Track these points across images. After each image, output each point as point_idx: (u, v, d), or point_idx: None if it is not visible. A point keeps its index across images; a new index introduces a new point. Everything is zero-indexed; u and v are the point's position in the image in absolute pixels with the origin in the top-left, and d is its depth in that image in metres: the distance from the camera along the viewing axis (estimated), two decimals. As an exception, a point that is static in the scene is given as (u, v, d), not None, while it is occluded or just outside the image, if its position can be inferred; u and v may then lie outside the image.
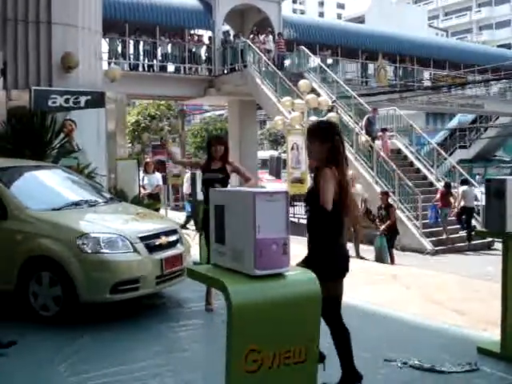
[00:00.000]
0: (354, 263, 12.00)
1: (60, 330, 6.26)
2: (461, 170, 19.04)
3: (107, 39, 23.08)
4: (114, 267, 6.43)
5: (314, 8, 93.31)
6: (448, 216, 17.04)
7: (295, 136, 14.59)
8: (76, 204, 7.45)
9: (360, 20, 54.51)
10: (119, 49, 24.59)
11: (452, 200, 17.28)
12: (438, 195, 17.14)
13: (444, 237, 16.56)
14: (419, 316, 7.19)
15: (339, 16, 77.90)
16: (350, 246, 13.43)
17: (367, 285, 9.14)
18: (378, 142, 18.61)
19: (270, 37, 25.45)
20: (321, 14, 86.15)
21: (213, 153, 6.77)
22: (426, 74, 33.28)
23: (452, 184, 17.90)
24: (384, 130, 19.17)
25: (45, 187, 7.96)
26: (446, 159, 21.32)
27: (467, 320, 7.04)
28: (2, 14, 11.78)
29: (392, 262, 13.34)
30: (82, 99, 11.26)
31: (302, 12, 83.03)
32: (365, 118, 18.95)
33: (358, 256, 13.56)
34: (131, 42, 24.97)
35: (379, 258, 13.31)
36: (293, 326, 3.37)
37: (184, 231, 7.97)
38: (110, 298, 6.47)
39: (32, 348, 5.79)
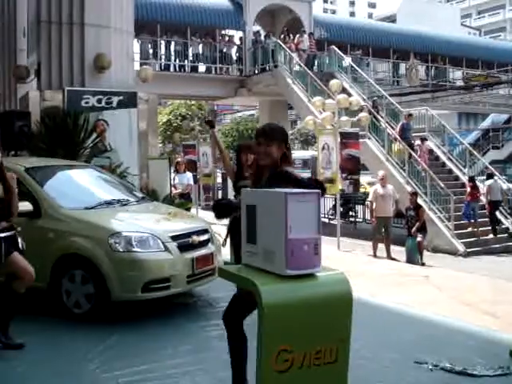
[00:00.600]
0: (385, 264, 12.04)
1: (92, 328, 6.32)
2: (493, 171, 18.80)
3: (139, 40, 23.24)
4: (145, 266, 6.48)
5: (345, 7, 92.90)
6: (477, 210, 16.91)
7: (326, 136, 14.51)
8: (108, 203, 7.52)
9: (391, 19, 54.14)
10: (151, 49, 24.74)
11: (479, 193, 17.27)
12: (469, 189, 17.09)
13: (471, 229, 16.38)
14: (451, 318, 7.12)
15: (370, 15, 77.36)
16: (381, 247, 13.41)
17: (398, 286, 9.10)
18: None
19: (305, 36, 25.34)
20: (352, 14, 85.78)
21: (243, 162, 6.70)
22: (459, 74, 32.90)
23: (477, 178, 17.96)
24: (423, 140, 18.92)
25: (78, 186, 8.06)
26: (478, 160, 21.08)
27: (500, 323, 6.97)
28: (36, 16, 11.96)
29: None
30: (115, 99, 11.38)
31: (333, 12, 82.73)
32: (399, 125, 18.70)
33: (389, 257, 13.48)
34: (163, 42, 25.11)
35: (410, 260, 13.22)
36: (324, 327, 3.36)
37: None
38: (141, 297, 6.52)
39: (64, 345, 5.87)
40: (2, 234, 5.37)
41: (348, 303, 3.43)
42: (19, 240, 5.57)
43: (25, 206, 6.66)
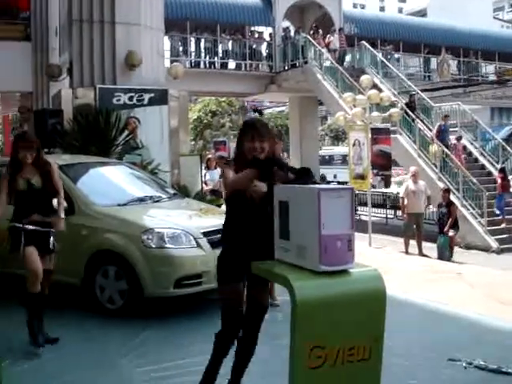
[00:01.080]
0: (416, 261, 11.94)
1: (125, 323, 6.38)
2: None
3: (169, 37, 23.33)
4: (177, 262, 6.52)
5: (375, 2, 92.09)
6: (507, 202, 16.66)
7: (357, 132, 14.43)
8: (141, 200, 7.58)
9: (422, 13, 53.66)
10: (181, 46, 24.83)
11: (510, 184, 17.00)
12: (499, 180, 16.87)
13: (504, 226, 16.14)
14: (485, 315, 7.03)
15: (400, 10, 76.73)
16: (413, 244, 13.32)
17: (431, 283, 9.02)
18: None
19: (336, 35, 25.17)
20: (381, 9, 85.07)
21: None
22: (491, 68, 32.45)
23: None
24: (459, 139, 18.68)
25: (110, 183, 8.14)
26: (511, 155, 20.79)
27: (535, 320, 6.86)
28: (67, 16, 12.09)
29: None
30: (146, 97, 11.45)
31: (363, 6, 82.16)
32: (436, 126, 18.38)
33: (421, 253, 13.37)
34: (193, 39, 25.20)
35: (441, 256, 13.11)
36: (357, 323, 3.35)
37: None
38: (173, 293, 6.56)
39: (98, 340, 5.93)
40: (28, 227, 5.41)
41: (382, 300, 3.41)
42: (51, 239, 5.59)
43: (59, 202, 6.75)
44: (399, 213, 17.40)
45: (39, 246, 5.45)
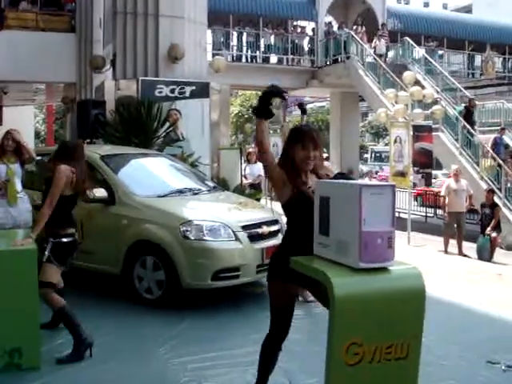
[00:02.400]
0: (456, 260, 11.78)
1: (162, 313, 6.43)
2: None
3: (212, 31, 23.39)
4: (215, 254, 6.54)
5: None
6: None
7: (398, 129, 14.27)
8: (180, 192, 7.63)
9: (467, 10, 52.78)
10: (223, 40, 24.88)
11: None
12: None
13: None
14: (525, 317, 6.92)
15: (445, 6, 75.64)
16: (453, 243, 13.14)
17: (471, 283, 8.90)
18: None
19: (382, 40, 24.88)
20: (426, 4, 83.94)
21: None
22: (538, 66, 31.79)
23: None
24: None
25: (151, 174, 8.21)
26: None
27: None
28: (112, 8, 12.20)
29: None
30: (187, 89, 11.50)
31: (407, 2, 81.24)
32: (491, 139, 17.58)
33: (461, 253, 13.19)
34: (235, 33, 25.21)
35: (481, 257, 12.92)
36: (396, 321, 3.33)
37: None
38: (211, 285, 6.59)
39: (135, 329, 5.99)
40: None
41: (421, 298, 3.38)
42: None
43: (100, 192, 6.84)
44: (439, 211, 17.20)
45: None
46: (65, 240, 5.20)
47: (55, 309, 5.23)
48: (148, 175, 8.13)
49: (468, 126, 17.29)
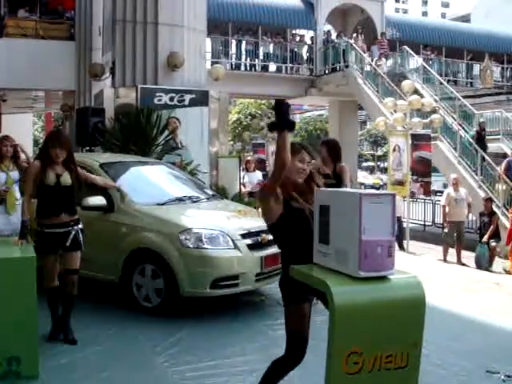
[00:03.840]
0: (455, 269, 11.77)
1: (161, 322, 6.41)
2: None
3: (211, 39, 23.44)
4: (214, 263, 6.53)
5: (418, 7, 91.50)
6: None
7: (397, 137, 14.31)
8: (179, 199, 7.61)
9: (465, 19, 52.94)
10: (222, 48, 24.93)
11: None
12: None
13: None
14: (525, 327, 6.91)
15: (443, 15, 76.01)
16: (451, 252, 13.15)
17: (469, 292, 8.89)
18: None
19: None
20: (424, 13, 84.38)
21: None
22: (536, 75, 31.86)
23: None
24: None
25: (150, 182, 8.20)
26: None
27: None
28: (111, 16, 12.23)
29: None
30: (187, 97, 11.52)
31: (405, 11, 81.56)
32: (504, 162, 16.87)
33: (460, 262, 13.20)
34: (234, 41, 25.28)
35: (479, 266, 12.92)
36: (395, 330, 3.33)
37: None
38: (210, 293, 6.58)
39: (133, 338, 5.97)
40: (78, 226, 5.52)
41: (421, 308, 3.38)
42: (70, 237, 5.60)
43: (99, 200, 6.85)
44: (437, 220, 17.21)
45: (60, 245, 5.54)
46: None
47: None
48: (147, 183, 8.12)
49: (481, 152, 17.21)
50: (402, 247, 14.08)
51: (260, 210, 4.15)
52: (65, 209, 5.54)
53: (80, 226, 5.64)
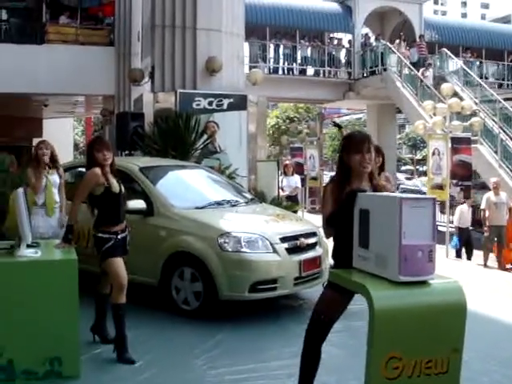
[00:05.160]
0: (496, 275, 11.59)
1: (200, 324, 6.45)
2: None
3: (249, 43, 23.51)
4: (253, 267, 6.54)
5: (457, 9, 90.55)
6: None
7: (437, 141, 14.14)
8: (218, 203, 7.65)
9: (505, 20, 52.14)
10: (260, 52, 25.00)
11: None
12: None
13: None
14: None
15: (483, 16, 75.02)
16: (492, 257, 12.94)
17: (509, 297, 8.74)
18: None
19: (415, 48, 24.68)
20: (463, 15, 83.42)
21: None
22: None
23: None
24: None
25: (189, 186, 8.26)
26: None
27: None
28: (150, 21, 12.36)
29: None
30: (225, 102, 11.57)
31: (444, 13, 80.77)
32: None
33: (502, 267, 12.99)
34: (272, 45, 25.33)
35: (522, 272, 12.72)
36: (436, 336, 3.30)
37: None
38: (248, 297, 6.59)
39: (172, 340, 6.02)
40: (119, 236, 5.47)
41: (462, 313, 3.35)
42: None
43: (139, 204, 6.92)
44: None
45: (122, 251, 5.52)
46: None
47: None
48: (186, 187, 8.19)
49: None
50: (470, 258, 13.96)
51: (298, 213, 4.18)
52: (124, 215, 5.60)
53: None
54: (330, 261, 4.18)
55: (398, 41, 25.21)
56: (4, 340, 4.71)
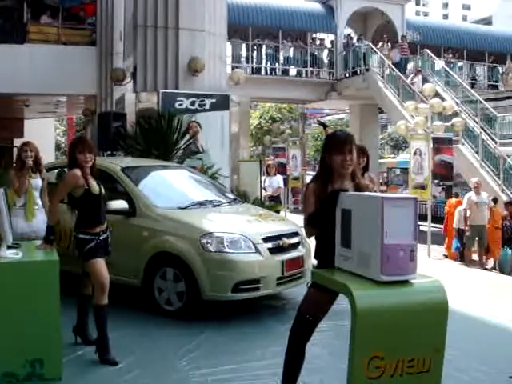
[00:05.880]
0: (477, 274, 11.69)
1: (182, 325, 6.44)
2: None
3: (231, 43, 23.48)
4: (236, 267, 6.53)
5: (438, 10, 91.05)
6: None
7: (418, 141, 14.24)
8: (201, 203, 7.64)
9: (486, 21, 52.49)
10: (242, 52, 24.99)
11: None
12: None
13: None
14: (548, 332, 6.83)
15: (464, 18, 75.46)
16: (475, 257, 13.06)
17: (492, 297, 8.82)
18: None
19: (396, 50, 24.76)
20: (445, 16, 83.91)
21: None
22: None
23: None
24: None
25: (171, 186, 8.24)
26: None
27: None
28: (132, 21, 12.31)
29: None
30: (207, 102, 11.55)
31: (426, 14, 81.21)
32: None
33: (483, 267, 13.09)
34: (254, 45, 25.31)
35: (502, 270, 12.81)
36: (418, 335, 3.32)
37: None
38: (231, 297, 6.59)
39: (155, 341, 6.00)
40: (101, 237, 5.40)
41: (444, 312, 3.37)
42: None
43: (121, 204, 6.89)
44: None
45: (104, 251, 5.46)
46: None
47: None
48: (168, 187, 8.16)
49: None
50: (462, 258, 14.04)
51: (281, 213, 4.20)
52: (104, 216, 5.54)
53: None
54: (313, 261, 4.20)
55: (381, 43, 25.25)
56: (-16, 342, 4.67)
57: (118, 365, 5.25)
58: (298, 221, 8.73)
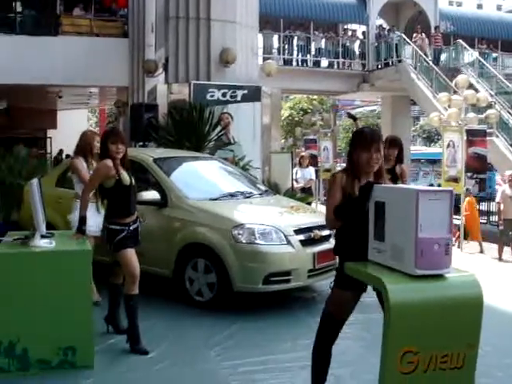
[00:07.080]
0: (511, 268, 11.49)
1: (213, 316, 6.45)
2: None
3: (263, 35, 23.43)
4: (267, 258, 6.52)
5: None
6: None
7: (451, 133, 14.04)
8: (232, 195, 7.63)
9: (522, 11, 51.62)
10: (274, 44, 24.92)
11: None
12: None
13: None
14: None
15: (499, 7, 74.30)
16: (507, 250, 12.85)
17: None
18: None
19: (426, 40, 24.43)
20: (479, 6, 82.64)
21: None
22: None
23: None
24: None
25: (203, 178, 8.24)
26: None
27: None
28: (164, 12, 12.34)
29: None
30: (239, 93, 11.54)
31: (459, 4, 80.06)
32: None
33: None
34: (286, 37, 25.23)
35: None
36: (452, 330, 3.27)
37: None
38: (262, 288, 6.58)
39: (186, 331, 6.03)
40: (131, 227, 5.40)
41: (478, 307, 3.32)
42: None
43: (153, 195, 6.92)
44: (492, 218, 16.82)
45: (135, 241, 5.48)
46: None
47: None
48: (200, 178, 8.17)
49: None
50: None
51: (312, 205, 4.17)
52: (135, 206, 5.56)
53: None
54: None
55: (414, 35, 24.91)
56: (19, 329, 4.73)
57: (148, 354, 5.29)
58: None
